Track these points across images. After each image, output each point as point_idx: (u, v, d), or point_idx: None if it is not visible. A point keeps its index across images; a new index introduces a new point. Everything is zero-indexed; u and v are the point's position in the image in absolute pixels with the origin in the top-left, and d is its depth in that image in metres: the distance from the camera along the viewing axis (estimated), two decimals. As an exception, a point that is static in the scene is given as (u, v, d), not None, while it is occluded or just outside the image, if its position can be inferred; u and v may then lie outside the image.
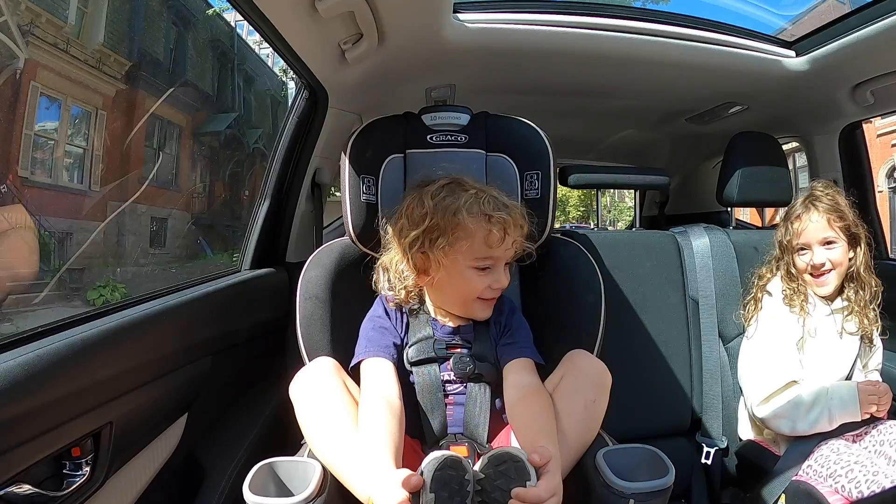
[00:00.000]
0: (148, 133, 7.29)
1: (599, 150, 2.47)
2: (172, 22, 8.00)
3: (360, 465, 0.78)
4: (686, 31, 1.39)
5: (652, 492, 0.80)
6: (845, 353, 1.29)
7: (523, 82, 1.57)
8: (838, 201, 1.31)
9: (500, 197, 0.96)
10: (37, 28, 5.55)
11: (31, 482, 0.78)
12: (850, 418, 1.19)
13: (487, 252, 0.93)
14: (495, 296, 0.98)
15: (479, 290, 0.95)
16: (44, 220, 5.46)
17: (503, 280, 0.95)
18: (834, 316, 1.32)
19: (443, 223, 0.92)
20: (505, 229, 0.92)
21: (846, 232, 1.30)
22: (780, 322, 1.31)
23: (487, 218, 0.92)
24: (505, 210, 0.93)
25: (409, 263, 0.96)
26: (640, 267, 1.50)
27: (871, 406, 1.19)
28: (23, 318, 4.07)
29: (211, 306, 1.15)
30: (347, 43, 1.13)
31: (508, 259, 0.97)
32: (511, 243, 0.94)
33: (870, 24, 1.25)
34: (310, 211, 1.53)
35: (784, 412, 1.23)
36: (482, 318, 0.99)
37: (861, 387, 1.21)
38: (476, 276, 0.94)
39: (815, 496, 1.09)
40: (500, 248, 0.93)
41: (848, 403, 1.19)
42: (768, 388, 1.26)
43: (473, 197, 0.93)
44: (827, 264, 1.29)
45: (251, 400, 1.32)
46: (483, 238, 0.92)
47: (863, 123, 1.73)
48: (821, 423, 1.19)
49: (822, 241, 1.30)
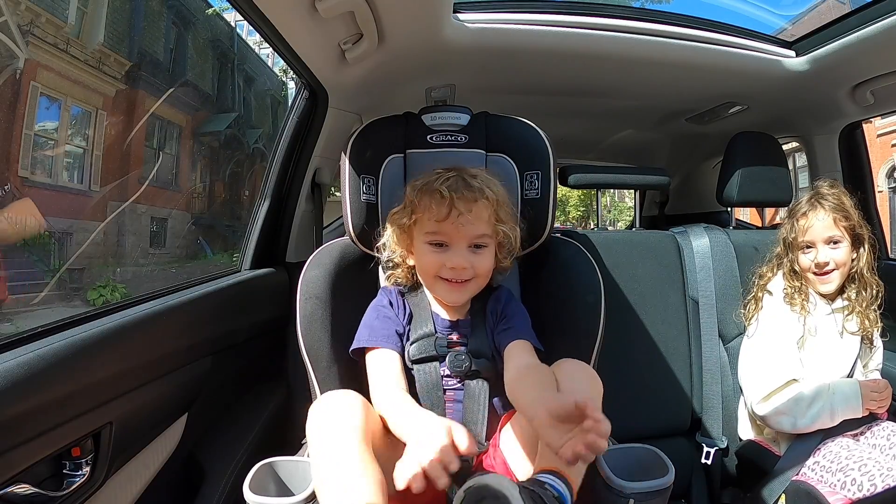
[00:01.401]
0: (148, 133, 7.29)
1: (599, 150, 2.47)
2: (172, 22, 8.01)
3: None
4: (686, 31, 1.39)
5: (652, 491, 0.80)
6: (846, 353, 1.29)
7: (523, 82, 1.57)
8: (844, 201, 1.31)
9: (470, 178, 0.96)
10: (37, 28, 5.55)
11: (31, 482, 0.78)
12: (851, 414, 1.19)
13: (434, 226, 0.95)
14: (457, 277, 0.96)
15: (434, 268, 0.97)
16: (43, 220, 5.46)
17: (456, 259, 0.95)
18: (835, 315, 1.32)
19: (408, 201, 0.98)
20: (451, 205, 0.93)
21: (850, 232, 1.30)
22: (780, 321, 1.31)
23: (436, 194, 0.94)
24: (462, 188, 0.94)
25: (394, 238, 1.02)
26: (640, 267, 1.50)
27: (873, 403, 1.19)
28: (23, 318, 4.07)
29: (211, 306, 1.15)
30: (347, 43, 1.13)
31: (473, 240, 0.96)
32: (460, 219, 0.93)
33: (870, 24, 1.25)
34: (310, 211, 1.53)
35: (785, 409, 1.23)
36: (451, 302, 1.00)
37: (864, 383, 1.21)
38: (430, 252, 0.97)
39: (816, 496, 1.09)
40: (447, 223, 0.94)
41: (850, 399, 1.19)
42: (768, 386, 1.26)
43: (435, 176, 0.96)
44: (831, 263, 1.30)
45: (251, 400, 1.32)
46: (429, 212, 0.94)
47: (863, 123, 1.73)
48: (822, 418, 1.19)
49: (826, 240, 1.30)
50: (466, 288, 0.99)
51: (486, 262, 0.98)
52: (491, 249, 0.99)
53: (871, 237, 1.33)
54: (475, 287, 1.00)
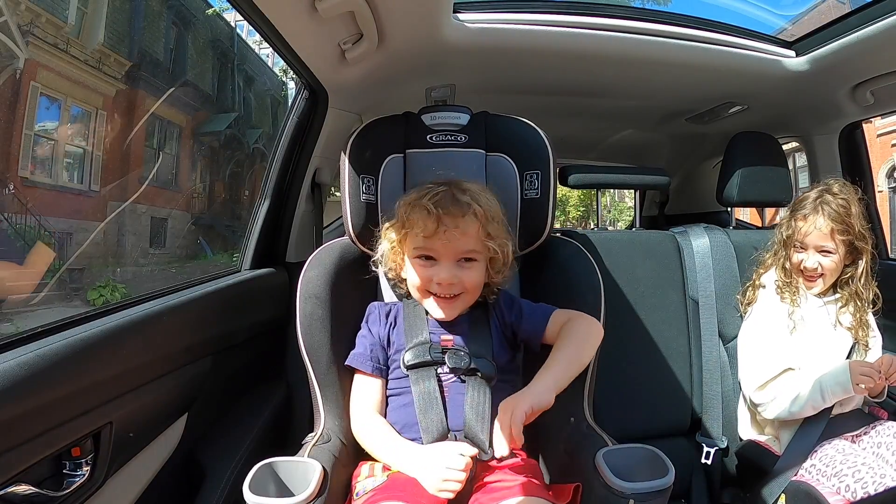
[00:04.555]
0: (148, 133, 7.30)
1: (599, 150, 2.47)
2: (172, 22, 8.01)
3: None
4: (686, 31, 1.39)
5: (652, 492, 0.80)
6: (839, 345, 1.30)
7: (523, 82, 1.57)
8: (850, 210, 1.28)
9: (459, 194, 0.96)
10: (37, 28, 5.56)
11: (31, 482, 0.77)
12: (842, 393, 1.19)
13: (423, 242, 0.96)
14: (445, 293, 0.97)
15: (423, 282, 0.98)
16: (44, 220, 5.46)
17: (442, 274, 0.96)
18: (827, 307, 1.33)
19: (397, 215, 0.99)
20: (438, 220, 0.93)
21: (847, 244, 1.29)
22: (772, 313, 1.33)
23: (424, 210, 0.94)
24: (449, 203, 0.94)
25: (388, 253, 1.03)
26: (640, 267, 1.50)
27: (865, 379, 1.17)
28: (22, 318, 4.07)
29: (211, 306, 1.15)
30: (347, 43, 1.13)
31: (461, 255, 0.96)
32: (446, 234, 0.94)
33: (870, 24, 1.25)
34: (310, 211, 1.53)
35: (781, 396, 1.24)
36: (441, 318, 1.00)
37: (853, 362, 1.21)
38: (418, 266, 0.97)
39: (815, 496, 1.09)
40: (435, 239, 0.95)
41: (839, 376, 1.18)
42: (765, 375, 1.27)
43: (425, 191, 0.97)
44: (819, 269, 1.30)
45: (251, 400, 1.32)
46: (420, 229, 0.95)
47: (863, 123, 1.73)
48: (814, 399, 1.20)
49: (818, 248, 1.30)
50: (455, 303, 0.99)
51: (475, 277, 0.98)
52: (481, 264, 0.99)
53: (873, 252, 1.31)
54: (465, 302, 1.00)
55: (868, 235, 1.30)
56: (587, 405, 1.03)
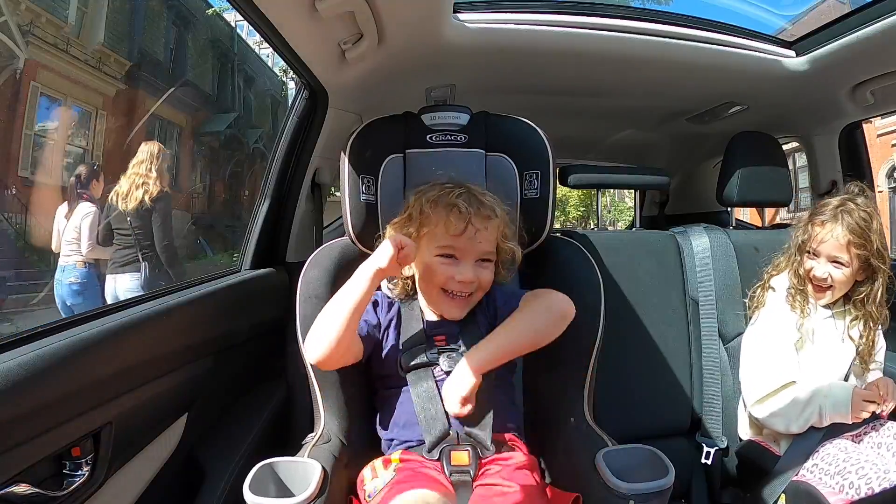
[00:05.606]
0: (148, 133, 7.29)
1: (599, 150, 2.47)
2: (172, 22, 8.01)
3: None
4: (686, 31, 1.39)
5: (652, 492, 0.80)
6: (842, 357, 1.28)
7: (523, 82, 1.57)
8: (871, 224, 1.23)
9: (480, 196, 0.98)
10: (37, 28, 5.55)
11: (31, 482, 0.77)
12: (840, 420, 1.18)
13: (448, 240, 0.96)
14: (462, 290, 0.98)
15: (442, 280, 0.97)
16: (43, 220, 5.45)
17: (466, 273, 0.96)
18: (835, 320, 1.31)
19: (415, 212, 0.99)
20: (469, 221, 0.94)
21: (863, 260, 1.24)
22: (778, 322, 1.31)
23: (451, 208, 0.95)
24: (476, 205, 0.96)
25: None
26: (640, 267, 1.50)
27: (864, 413, 1.17)
28: (22, 318, 4.07)
29: (211, 306, 1.15)
30: (347, 43, 1.13)
31: (481, 255, 0.98)
32: (476, 235, 0.95)
33: (870, 24, 1.25)
34: (310, 211, 1.53)
35: (780, 412, 1.23)
36: (452, 316, 1.00)
37: (857, 391, 1.19)
38: (439, 265, 0.97)
39: (816, 496, 1.09)
40: (462, 238, 0.95)
41: (840, 406, 1.17)
42: (765, 388, 1.26)
43: (446, 190, 0.98)
44: (828, 280, 1.26)
45: (251, 400, 1.32)
46: (445, 226, 0.95)
47: (863, 123, 1.73)
48: (812, 420, 1.19)
49: (831, 258, 1.25)
50: (469, 302, 1.00)
51: (489, 276, 1.00)
52: (494, 264, 1.01)
53: (891, 274, 1.25)
54: (475, 300, 1.02)
55: (886, 255, 1.25)
56: (587, 405, 1.03)
